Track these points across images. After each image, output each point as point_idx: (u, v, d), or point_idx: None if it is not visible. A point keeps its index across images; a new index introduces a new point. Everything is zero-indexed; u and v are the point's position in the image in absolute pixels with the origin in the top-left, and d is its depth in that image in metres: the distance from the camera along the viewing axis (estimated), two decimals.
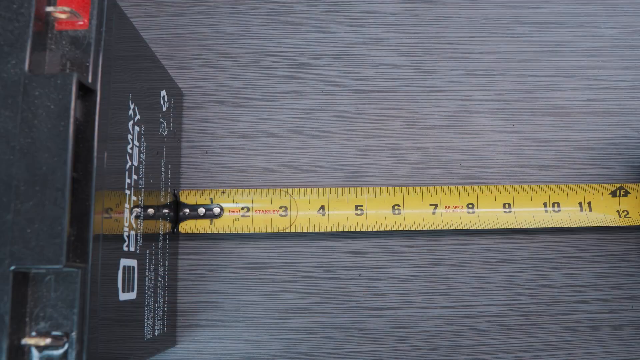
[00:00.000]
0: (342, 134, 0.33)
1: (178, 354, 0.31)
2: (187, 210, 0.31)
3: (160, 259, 0.28)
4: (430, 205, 0.31)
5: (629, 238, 0.32)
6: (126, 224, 0.23)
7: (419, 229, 0.31)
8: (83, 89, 0.20)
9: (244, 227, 0.30)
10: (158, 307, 0.28)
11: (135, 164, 0.25)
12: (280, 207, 0.31)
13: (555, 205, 0.31)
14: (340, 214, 0.31)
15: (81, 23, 0.20)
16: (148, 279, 0.26)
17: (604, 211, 0.31)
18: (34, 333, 0.19)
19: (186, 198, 0.31)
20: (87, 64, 0.20)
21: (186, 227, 0.30)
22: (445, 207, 0.31)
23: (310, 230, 0.31)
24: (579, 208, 0.31)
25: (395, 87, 0.34)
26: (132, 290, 0.24)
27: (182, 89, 0.33)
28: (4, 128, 0.19)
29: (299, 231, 0.31)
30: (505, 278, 0.32)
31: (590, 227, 0.32)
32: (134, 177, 0.24)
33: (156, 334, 0.27)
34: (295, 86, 0.33)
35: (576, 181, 0.33)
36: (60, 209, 0.18)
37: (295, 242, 0.32)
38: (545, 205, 0.31)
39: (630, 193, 0.31)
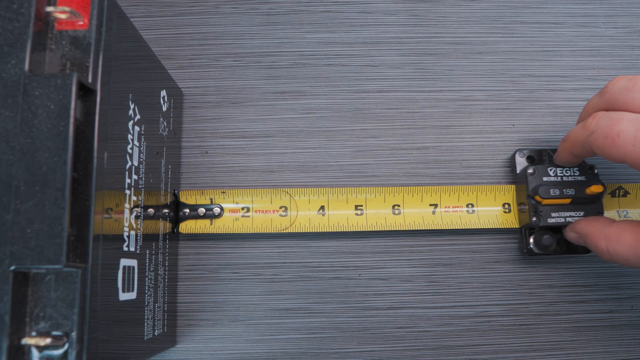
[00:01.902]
0: (342, 134, 0.33)
1: (178, 354, 0.31)
2: (187, 210, 0.31)
3: (160, 259, 0.28)
4: (430, 205, 0.31)
5: None
6: (126, 224, 0.23)
7: (418, 228, 0.31)
8: (83, 89, 0.20)
9: (244, 227, 0.30)
10: (158, 307, 0.28)
11: (135, 164, 0.25)
12: (280, 207, 0.31)
13: None
14: (340, 214, 0.31)
15: (81, 23, 0.20)
16: (148, 279, 0.26)
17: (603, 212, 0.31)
18: (34, 333, 0.19)
19: (186, 198, 0.31)
20: (87, 64, 0.20)
21: (186, 227, 0.30)
22: (445, 207, 0.31)
23: (310, 230, 0.31)
24: None
25: (395, 87, 0.34)
26: (132, 290, 0.24)
27: (182, 89, 0.33)
28: (4, 128, 0.19)
29: (299, 231, 0.31)
30: (505, 278, 0.32)
31: None
32: (134, 177, 0.24)
33: (156, 334, 0.27)
34: (295, 86, 0.33)
35: None
36: (60, 209, 0.18)
37: (295, 242, 0.32)
38: None
39: (629, 193, 0.31)
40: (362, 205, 0.31)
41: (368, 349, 0.31)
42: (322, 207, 0.31)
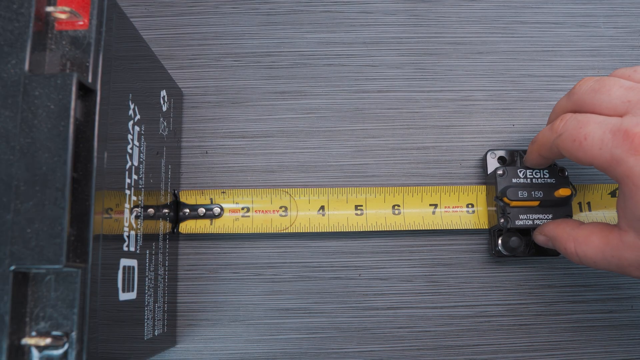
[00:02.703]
0: (342, 134, 0.33)
1: (178, 354, 0.31)
2: (187, 210, 0.31)
3: (160, 259, 0.28)
4: (430, 205, 0.31)
5: None
6: (126, 224, 0.23)
7: (418, 229, 0.31)
8: (83, 89, 0.20)
9: (244, 227, 0.30)
10: (158, 307, 0.28)
11: (135, 164, 0.25)
12: (280, 207, 0.31)
13: None
14: (340, 214, 0.31)
15: (81, 23, 0.20)
16: (148, 279, 0.26)
17: (603, 211, 0.31)
18: (34, 333, 0.19)
19: (186, 198, 0.31)
20: (87, 64, 0.20)
21: (186, 227, 0.30)
22: (445, 207, 0.31)
23: (310, 230, 0.31)
24: (578, 208, 0.31)
25: (395, 87, 0.34)
26: (132, 290, 0.24)
27: (182, 89, 0.33)
28: (4, 128, 0.19)
29: (299, 231, 0.31)
30: (505, 278, 0.32)
31: None
32: (134, 177, 0.24)
33: (156, 334, 0.27)
34: (295, 86, 0.33)
35: (576, 181, 0.33)
36: (60, 209, 0.18)
37: (295, 242, 0.32)
38: None
39: None
40: (362, 205, 0.31)
41: (368, 349, 0.31)
42: (322, 207, 0.31)
